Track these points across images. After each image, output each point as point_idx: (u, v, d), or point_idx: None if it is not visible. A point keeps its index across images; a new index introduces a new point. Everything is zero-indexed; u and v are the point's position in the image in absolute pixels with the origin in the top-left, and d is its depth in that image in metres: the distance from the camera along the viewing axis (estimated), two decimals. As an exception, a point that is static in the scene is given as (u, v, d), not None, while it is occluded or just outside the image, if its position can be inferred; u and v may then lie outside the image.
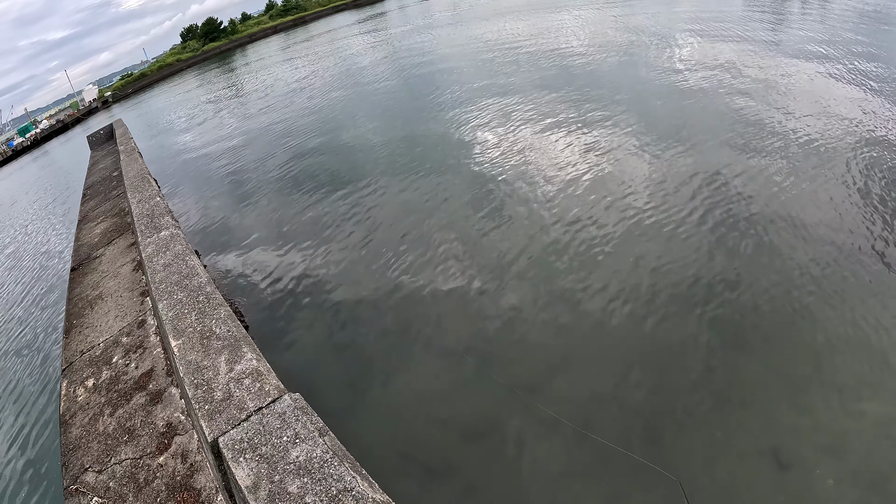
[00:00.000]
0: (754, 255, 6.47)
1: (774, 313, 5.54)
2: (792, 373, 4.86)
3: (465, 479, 4.56)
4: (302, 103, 22.81)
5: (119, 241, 8.23)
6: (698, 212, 7.51)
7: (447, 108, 15.57)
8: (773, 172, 8.16)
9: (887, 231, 6.41)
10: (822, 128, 9.32)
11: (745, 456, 4.23)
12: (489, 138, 12.17)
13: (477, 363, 5.76)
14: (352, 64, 30.31)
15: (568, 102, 13.32)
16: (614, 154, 9.83)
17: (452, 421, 5.15)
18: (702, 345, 5.34)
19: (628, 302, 6.11)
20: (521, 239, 7.79)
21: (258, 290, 8.51)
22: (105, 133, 19.05)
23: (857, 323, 5.23)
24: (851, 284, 5.72)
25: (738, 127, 9.98)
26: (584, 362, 5.47)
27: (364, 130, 15.88)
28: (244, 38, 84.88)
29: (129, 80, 78.90)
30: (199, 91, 42.26)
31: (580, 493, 4.21)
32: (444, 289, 7.14)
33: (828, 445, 4.20)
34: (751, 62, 13.90)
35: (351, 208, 10.43)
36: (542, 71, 17.12)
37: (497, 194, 9.32)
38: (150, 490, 3.53)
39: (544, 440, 4.70)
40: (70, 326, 6.08)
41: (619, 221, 7.65)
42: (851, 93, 10.72)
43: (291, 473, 2.48)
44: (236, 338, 3.69)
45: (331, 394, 5.89)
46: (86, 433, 4.24)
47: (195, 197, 14.70)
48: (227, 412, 2.98)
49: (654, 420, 4.67)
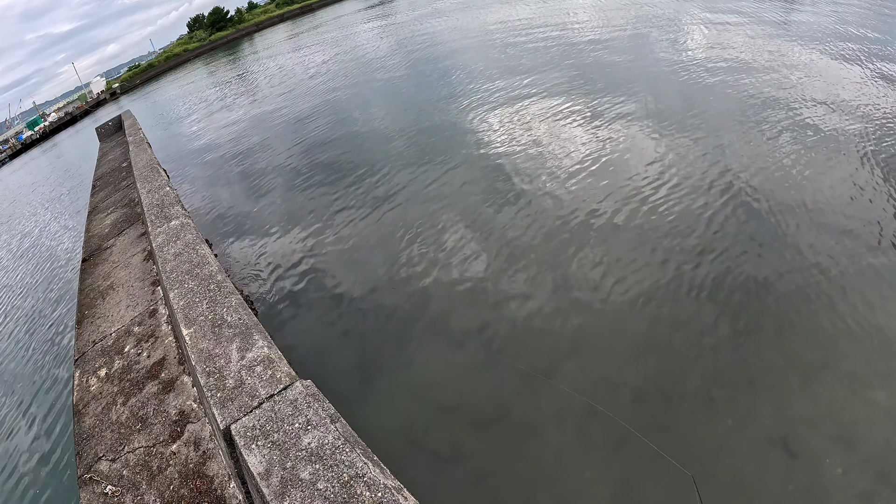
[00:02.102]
0: (767, 241, 6.41)
1: (786, 300, 5.50)
2: (802, 361, 4.84)
3: (475, 465, 4.58)
4: (311, 91, 22.76)
5: (129, 232, 8.29)
6: (711, 198, 7.44)
7: (458, 96, 15.47)
8: (786, 159, 8.06)
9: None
10: (838, 115, 9.17)
11: (754, 444, 4.22)
12: (500, 126, 12.09)
13: (488, 349, 5.78)
14: (361, 51, 30.14)
15: (579, 88, 13.19)
16: (627, 140, 9.74)
17: (463, 407, 5.17)
18: (713, 332, 5.32)
19: (639, 288, 6.08)
20: (532, 224, 7.76)
21: (269, 278, 8.56)
22: (114, 124, 19.13)
23: (869, 311, 5.18)
24: (864, 273, 5.66)
25: (751, 113, 9.84)
26: (594, 348, 5.47)
27: (374, 118, 15.83)
28: (251, 27, 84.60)
29: (136, 71, 79.00)
30: (207, 81, 42.26)
31: (591, 480, 4.23)
32: (455, 275, 7.15)
33: (837, 434, 4.18)
34: (765, 46, 13.67)
35: (362, 196, 10.43)
36: (553, 56, 16.93)
37: (508, 181, 9.27)
38: (163, 477, 3.58)
39: (555, 426, 4.72)
40: (82, 317, 6.15)
41: (631, 207, 7.60)
42: (869, 78, 10.53)
43: (303, 460, 2.50)
44: (247, 325, 3.71)
45: (342, 380, 5.94)
46: (99, 422, 4.30)
47: (205, 186, 14.75)
48: (238, 399, 3.00)
49: (665, 406, 4.68)
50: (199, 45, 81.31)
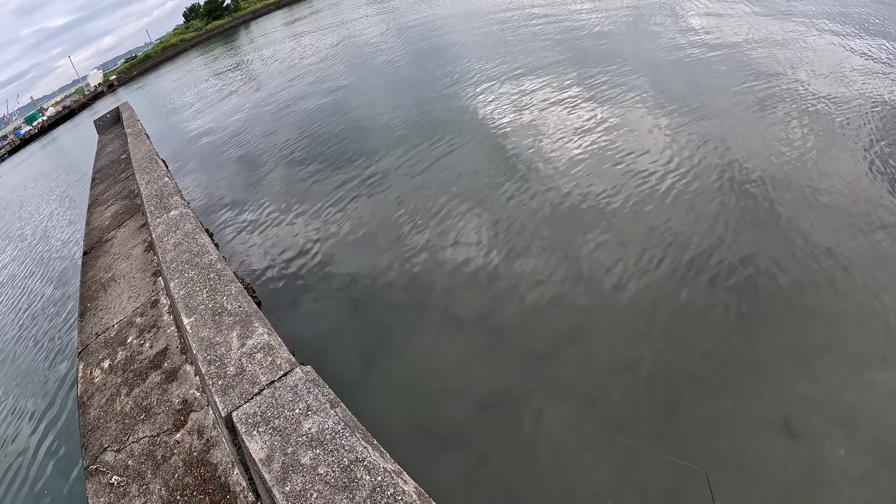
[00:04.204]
0: (768, 223, 6.37)
1: (787, 282, 5.47)
2: (804, 342, 4.82)
3: (477, 449, 4.60)
4: (309, 78, 22.58)
5: (129, 223, 8.29)
6: (712, 180, 7.39)
7: (458, 80, 15.32)
8: (788, 140, 7.98)
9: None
10: (841, 96, 9.06)
11: (755, 425, 4.22)
12: (501, 108, 11.98)
13: (490, 333, 5.77)
14: (360, 37, 29.81)
15: (581, 70, 13.04)
16: (628, 123, 9.65)
17: (464, 391, 5.18)
18: (713, 314, 5.31)
19: (640, 271, 6.06)
20: (534, 209, 7.72)
21: (270, 266, 8.56)
22: (112, 117, 19.07)
23: (871, 293, 5.15)
24: (867, 254, 5.62)
25: (754, 94, 9.73)
26: (597, 332, 5.46)
27: (374, 104, 15.70)
28: (247, 15, 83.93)
29: (133, 62, 78.60)
30: (204, 70, 42.00)
31: (592, 463, 4.25)
32: (456, 260, 7.13)
33: (839, 416, 4.17)
34: (767, 27, 13.49)
35: (362, 182, 10.39)
36: (554, 39, 16.74)
37: (510, 165, 9.21)
38: (167, 466, 3.62)
39: (557, 410, 4.73)
40: (84, 310, 6.17)
41: (632, 190, 7.55)
42: (871, 58, 10.39)
43: (304, 445, 2.52)
44: (247, 313, 3.72)
45: (343, 366, 5.95)
46: (103, 413, 4.33)
47: (205, 176, 14.69)
48: (239, 387, 3.01)
49: (665, 388, 4.67)
50: (195, 35, 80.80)
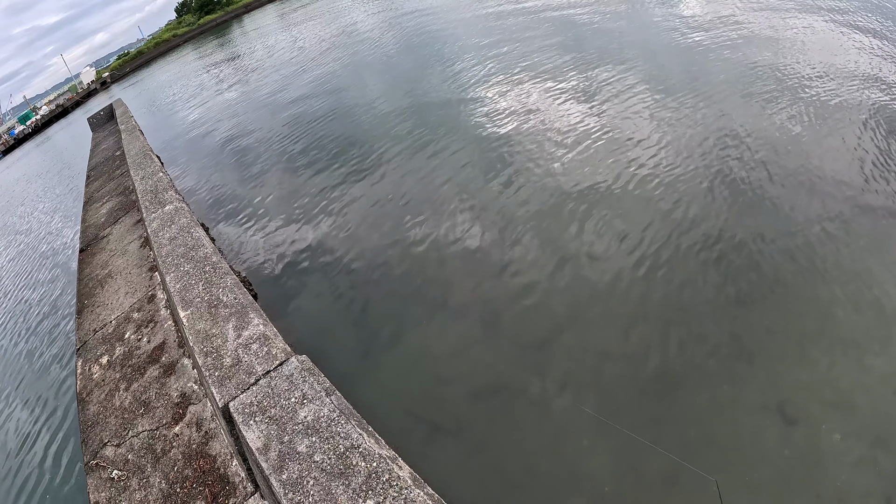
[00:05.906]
0: (764, 209, 6.38)
1: (782, 267, 5.49)
2: (799, 328, 4.84)
3: (473, 436, 4.62)
4: (303, 72, 22.43)
5: (125, 219, 8.27)
6: (705, 167, 7.40)
7: (453, 72, 15.24)
8: (783, 126, 7.98)
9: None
10: (836, 81, 9.05)
11: (750, 410, 4.24)
12: (497, 99, 11.94)
13: (486, 321, 5.78)
14: (353, 30, 29.60)
15: (577, 59, 12.98)
16: (622, 111, 9.63)
17: (460, 380, 5.19)
18: (708, 300, 5.33)
19: (635, 259, 6.07)
20: (529, 199, 7.72)
21: (266, 258, 8.55)
22: (105, 114, 18.97)
23: (866, 278, 5.17)
24: (861, 239, 5.63)
25: (747, 80, 9.72)
26: (592, 318, 5.47)
27: (368, 97, 15.61)
28: (240, 9, 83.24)
29: (126, 59, 77.98)
30: (197, 65, 41.70)
31: (588, 448, 4.28)
32: (452, 250, 7.13)
33: (834, 401, 4.19)
34: (763, 15, 13.45)
35: (357, 173, 10.36)
36: (550, 29, 16.65)
37: (505, 156, 9.19)
38: (167, 459, 3.63)
39: (555, 397, 4.75)
40: (82, 306, 6.17)
41: (625, 178, 7.55)
42: (867, 45, 10.37)
43: (300, 433, 2.53)
44: (243, 305, 3.72)
45: (339, 355, 5.95)
46: (103, 409, 4.34)
47: (199, 170, 14.62)
48: (236, 377, 3.02)
49: (661, 374, 4.70)
50: (188, 30, 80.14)
